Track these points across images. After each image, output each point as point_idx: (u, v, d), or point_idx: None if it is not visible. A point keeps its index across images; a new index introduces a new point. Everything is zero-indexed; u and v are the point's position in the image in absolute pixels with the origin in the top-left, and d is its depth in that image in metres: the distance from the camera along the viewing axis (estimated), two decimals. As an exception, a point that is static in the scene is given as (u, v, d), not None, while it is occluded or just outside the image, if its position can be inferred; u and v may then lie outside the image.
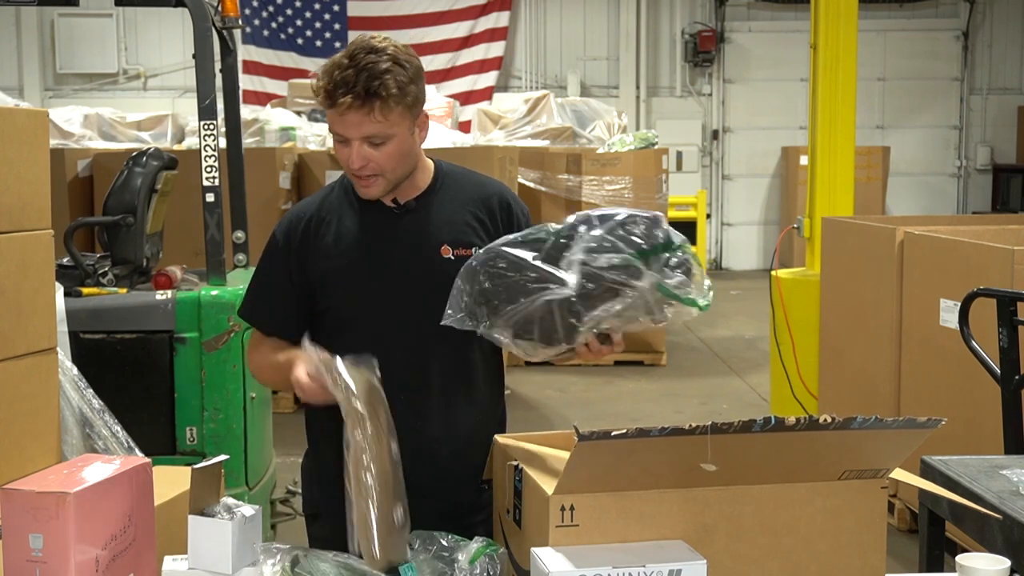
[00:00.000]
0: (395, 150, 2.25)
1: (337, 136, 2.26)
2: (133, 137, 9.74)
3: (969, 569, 1.93)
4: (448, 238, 2.34)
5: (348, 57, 2.20)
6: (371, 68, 2.18)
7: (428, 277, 2.31)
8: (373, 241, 2.34)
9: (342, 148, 2.27)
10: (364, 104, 2.18)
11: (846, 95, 6.58)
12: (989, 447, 3.94)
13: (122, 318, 4.03)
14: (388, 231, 2.35)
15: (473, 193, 2.42)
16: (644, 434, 1.71)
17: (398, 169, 2.29)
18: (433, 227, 2.35)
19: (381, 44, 2.22)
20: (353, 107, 2.18)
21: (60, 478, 1.92)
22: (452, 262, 2.28)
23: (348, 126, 2.22)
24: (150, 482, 2.08)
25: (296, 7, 14.94)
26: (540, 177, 8.71)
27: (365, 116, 2.20)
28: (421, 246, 2.33)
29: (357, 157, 2.24)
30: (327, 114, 2.26)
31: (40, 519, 1.85)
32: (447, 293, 2.20)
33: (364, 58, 2.19)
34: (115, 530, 1.96)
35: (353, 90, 2.17)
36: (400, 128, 2.24)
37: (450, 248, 2.33)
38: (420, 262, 2.32)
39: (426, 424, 2.35)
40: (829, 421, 1.73)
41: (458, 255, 2.31)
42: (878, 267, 5.20)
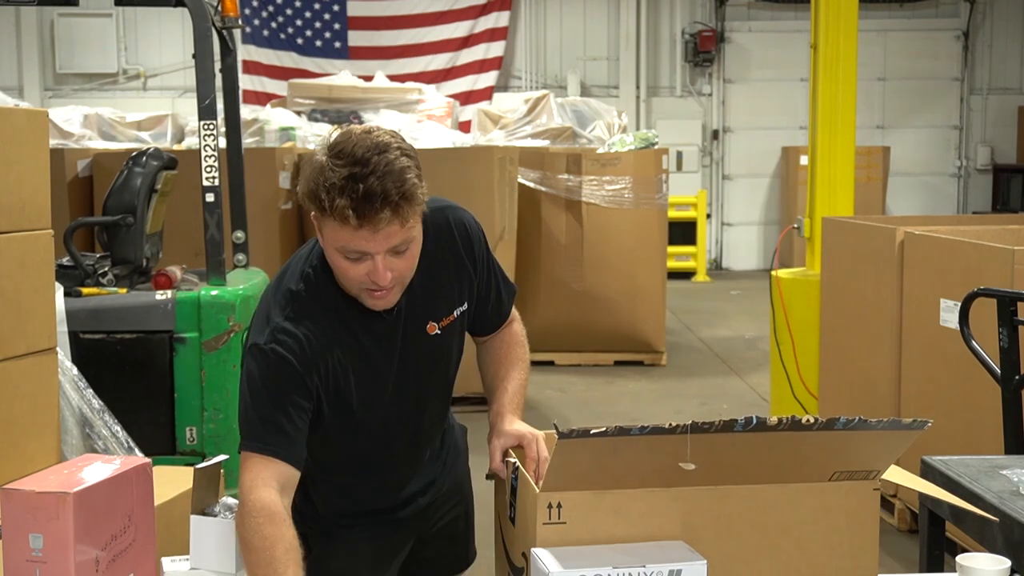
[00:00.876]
0: (415, 251, 2.06)
1: (353, 254, 1.99)
2: (133, 137, 9.74)
3: (969, 569, 1.93)
4: (432, 316, 2.25)
5: (359, 163, 1.93)
6: (391, 170, 1.93)
7: (421, 358, 2.27)
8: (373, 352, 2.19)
9: (354, 266, 2.01)
10: (398, 214, 1.94)
11: (846, 95, 6.58)
12: (989, 447, 3.94)
13: (122, 318, 4.03)
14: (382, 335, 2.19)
15: (438, 237, 2.23)
16: (624, 432, 1.72)
17: (413, 269, 2.10)
18: (418, 313, 2.22)
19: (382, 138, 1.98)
20: (388, 220, 1.93)
21: (60, 478, 1.92)
22: (440, 336, 2.28)
23: (378, 241, 1.96)
24: (150, 482, 2.08)
25: (296, 7, 14.93)
26: (540, 177, 8.71)
27: (400, 227, 1.96)
28: (412, 336, 2.23)
29: (385, 272, 2.00)
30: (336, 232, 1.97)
31: (40, 519, 1.85)
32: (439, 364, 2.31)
33: (379, 160, 1.93)
34: (115, 530, 1.96)
35: (386, 202, 1.92)
36: (418, 228, 2.04)
37: (435, 324, 2.26)
38: (414, 351, 2.25)
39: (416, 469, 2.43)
40: (811, 422, 1.73)
41: (444, 326, 2.27)
42: (878, 267, 5.20)
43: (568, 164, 8.69)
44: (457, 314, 2.29)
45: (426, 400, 2.34)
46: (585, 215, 8.64)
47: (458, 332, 2.34)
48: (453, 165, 7.12)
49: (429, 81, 13.00)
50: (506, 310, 2.45)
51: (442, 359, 2.32)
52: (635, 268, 8.74)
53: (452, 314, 2.27)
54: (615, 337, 8.84)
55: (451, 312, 2.27)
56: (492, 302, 2.40)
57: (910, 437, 1.82)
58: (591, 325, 8.73)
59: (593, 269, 8.70)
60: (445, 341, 2.29)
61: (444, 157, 7.25)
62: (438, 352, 2.29)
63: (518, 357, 2.45)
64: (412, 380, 2.27)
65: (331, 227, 1.98)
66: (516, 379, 2.41)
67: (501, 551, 2.15)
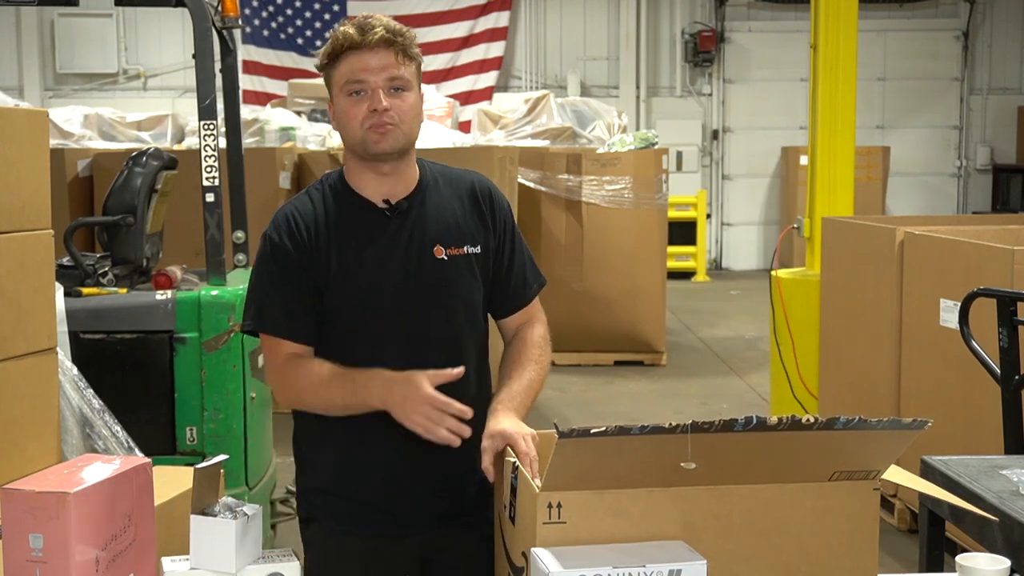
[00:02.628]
0: (413, 103, 2.28)
1: (355, 86, 2.25)
2: (133, 137, 9.74)
3: (969, 569, 1.93)
4: (441, 238, 2.33)
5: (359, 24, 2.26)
6: (388, 23, 2.26)
7: (422, 278, 2.31)
8: (368, 244, 2.30)
9: (357, 102, 2.25)
10: (392, 43, 2.23)
11: (846, 95, 6.58)
12: (989, 447, 3.94)
13: (122, 318, 4.03)
14: (382, 233, 2.31)
15: (458, 188, 2.41)
16: (624, 432, 1.72)
17: (411, 126, 2.30)
18: (426, 227, 2.33)
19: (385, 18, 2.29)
20: (383, 43, 2.22)
21: (60, 478, 1.92)
22: (445, 262, 2.32)
23: (371, 69, 2.23)
24: (150, 482, 2.08)
25: (296, 7, 14.94)
26: (540, 177, 8.71)
27: (392, 58, 2.24)
28: (415, 248, 2.31)
29: (383, 99, 2.23)
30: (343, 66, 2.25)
31: (40, 519, 1.85)
32: (442, 292, 2.30)
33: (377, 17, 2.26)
34: (115, 530, 1.96)
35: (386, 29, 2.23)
36: (415, 83, 2.28)
37: (443, 248, 2.33)
38: (414, 263, 2.31)
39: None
40: (811, 421, 1.73)
41: (451, 254, 2.33)
42: (878, 267, 5.20)
43: (568, 164, 8.69)
44: (467, 250, 2.34)
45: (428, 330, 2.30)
46: (585, 215, 8.64)
47: (469, 275, 2.34)
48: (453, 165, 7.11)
49: (429, 81, 13.01)
50: (530, 292, 2.48)
51: (449, 291, 2.32)
52: (635, 268, 8.74)
53: (462, 248, 2.33)
54: (615, 337, 8.84)
55: (461, 245, 2.33)
56: (515, 277, 2.44)
57: (910, 437, 1.82)
58: (591, 325, 8.73)
59: (593, 269, 8.70)
60: (453, 272, 2.32)
61: (444, 157, 7.20)
62: (444, 280, 2.31)
63: (532, 358, 2.42)
64: (413, 297, 2.29)
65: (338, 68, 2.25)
66: (525, 378, 2.37)
67: (501, 551, 2.15)
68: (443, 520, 2.38)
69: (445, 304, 2.33)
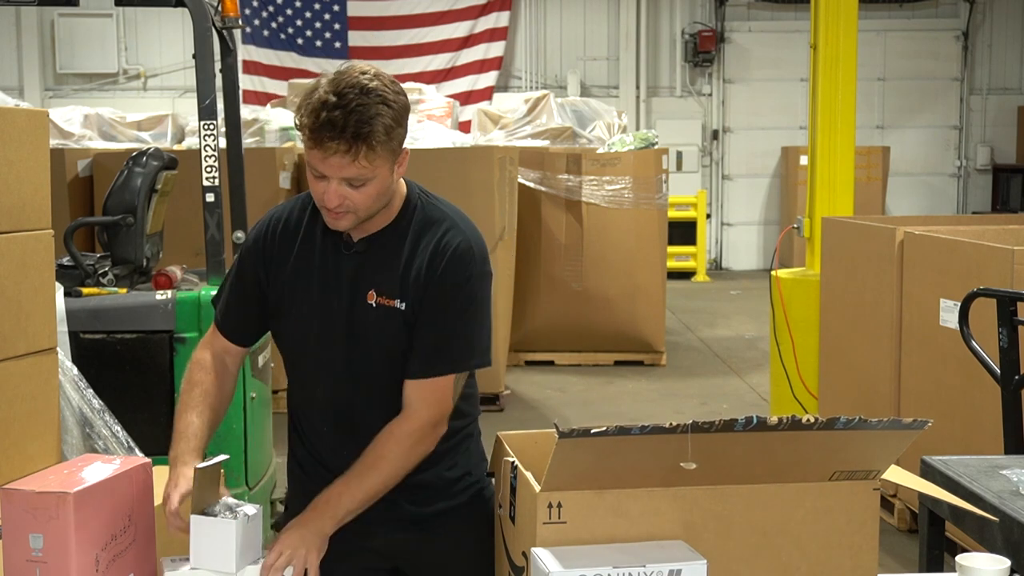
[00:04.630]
0: (373, 191, 2.19)
1: (315, 171, 2.18)
2: (133, 137, 9.74)
3: (969, 569, 1.93)
4: (377, 285, 2.28)
5: (336, 95, 2.10)
6: (361, 112, 2.09)
7: (349, 320, 2.29)
8: (319, 274, 2.32)
9: (317, 182, 2.19)
10: (351, 150, 2.11)
11: (846, 95, 6.58)
12: (989, 447, 3.94)
13: (122, 318, 4.03)
14: (333, 267, 2.31)
15: (429, 236, 2.30)
16: (625, 432, 1.72)
17: (372, 208, 2.23)
18: (369, 272, 2.29)
19: (372, 84, 2.12)
20: (339, 152, 2.10)
21: (60, 478, 1.92)
22: (373, 308, 2.28)
23: (330, 167, 2.14)
24: (150, 482, 2.08)
25: (296, 7, 14.93)
26: (540, 177, 8.71)
27: (350, 161, 2.12)
28: (353, 289, 2.29)
29: (334, 196, 2.17)
30: (307, 148, 2.16)
31: (40, 519, 1.85)
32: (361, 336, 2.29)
33: (355, 100, 2.09)
34: (115, 530, 1.96)
35: (342, 135, 2.09)
36: (382, 170, 2.17)
37: (375, 295, 2.28)
38: (346, 304, 2.29)
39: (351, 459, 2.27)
40: (812, 421, 1.73)
41: (379, 303, 2.27)
42: (878, 267, 5.20)
43: (568, 164, 8.69)
44: (397, 304, 2.26)
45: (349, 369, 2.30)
46: (585, 215, 8.64)
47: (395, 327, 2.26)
48: (453, 165, 7.11)
49: (429, 81, 13.00)
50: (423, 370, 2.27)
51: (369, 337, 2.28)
52: (635, 268, 8.74)
53: (393, 300, 2.27)
54: (615, 337, 8.84)
55: (392, 298, 2.28)
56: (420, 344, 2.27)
57: (910, 437, 1.82)
58: (591, 325, 8.73)
59: (593, 269, 8.70)
60: (378, 320, 2.27)
61: (444, 157, 7.24)
62: (370, 325, 2.28)
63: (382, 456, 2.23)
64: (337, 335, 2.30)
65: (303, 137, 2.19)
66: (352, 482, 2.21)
67: (501, 550, 2.15)
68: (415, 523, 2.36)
69: (364, 348, 2.30)
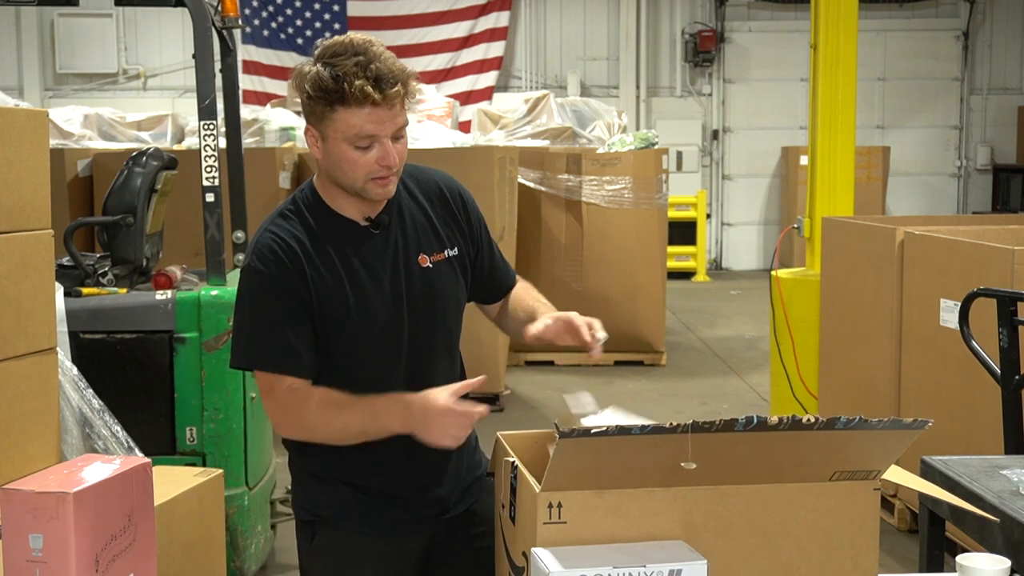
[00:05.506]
0: (406, 140, 2.24)
1: (363, 140, 2.14)
2: (133, 137, 9.74)
3: (969, 569, 1.93)
4: (423, 247, 2.33)
5: (358, 52, 2.12)
6: (388, 56, 2.14)
7: (411, 288, 2.30)
8: (355, 266, 2.27)
9: (364, 154, 2.16)
10: (407, 90, 2.15)
11: (846, 95, 6.58)
12: (989, 447, 3.94)
13: (122, 318, 4.03)
14: (368, 252, 2.28)
15: (427, 190, 2.39)
16: (625, 432, 1.72)
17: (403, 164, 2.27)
18: (408, 238, 2.32)
19: (364, 38, 2.17)
20: (399, 98, 2.13)
21: (60, 478, 1.92)
22: (431, 270, 2.33)
23: (386, 123, 2.14)
24: (150, 482, 2.08)
25: (296, 7, 14.94)
26: (540, 177, 8.71)
27: (402, 107, 2.16)
28: (402, 260, 2.30)
29: (393, 153, 2.17)
30: (351, 118, 2.12)
31: (40, 519, 1.85)
32: (430, 300, 2.32)
33: (372, 48, 2.13)
34: (115, 530, 1.96)
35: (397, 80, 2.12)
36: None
37: (427, 256, 2.33)
38: (405, 277, 2.30)
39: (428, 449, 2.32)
40: (812, 421, 1.73)
41: (435, 261, 2.33)
42: (878, 267, 5.20)
43: (568, 164, 8.69)
44: (448, 255, 2.35)
45: (427, 341, 2.32)
46: (585, 215, 8.64)
47: (452, 277, 2.36)
48: (453, 165, 7.09)
49: (429, 81, 13.00)
50: (511, 276, 2.54)
51: (438, 298, 2.33)
52: (635, 268, 8.74)
53: (443, 252, 2.34)
54: (615, 337, 8.74)
55: (442, 250, 2.34)
56: (498, 262, 2.49)
57: (910, 437, 1.82)
58: (591, 325, 8.72)
59: (593, 269, 8.70)
60: (438, 279, 2.33)
61: (444, 157, 7.25)
62: (432, 288, 2.32)
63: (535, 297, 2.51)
64: (408, 310, 2.29)
65: (344, 117, 2.12)
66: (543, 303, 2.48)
67: (502, 550, 2.15)
68: (443, 512, 2.41)
69: (438, 309, 2.34)
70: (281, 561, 4.75)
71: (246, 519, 4.19)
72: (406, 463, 2.34)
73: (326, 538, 2.39)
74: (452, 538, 2.42)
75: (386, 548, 2.38)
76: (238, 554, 4.16)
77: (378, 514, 2.36)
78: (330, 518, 2.39)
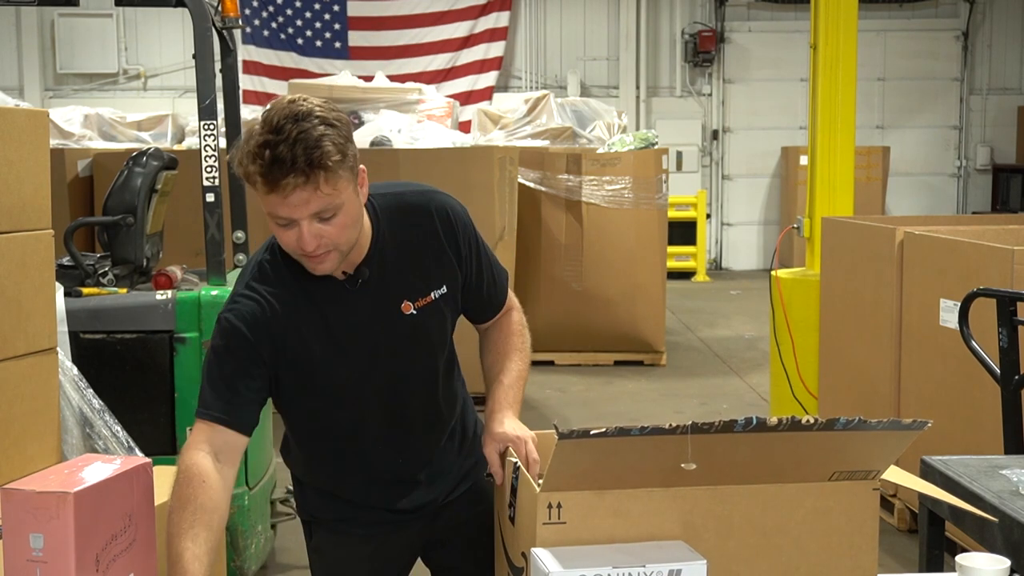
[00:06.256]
0: (345, 219, 2.06)
1: (279, 220, 2.03)
2: (133, 137, 9.74)
3: (969, 569, 1.93)
4: (407, 294, 2.25)
5: (273, 131, 1.96)
6: (305, 139, 1.95)
7: (397, 338, 2.26)
8: (336, 324, 2.20)
9: (285, 231, 2.04)
10: (309, 180, 1.96)
11: (846, 95, 6.58)
12: (989, 447, 3.94)
13: (122, 318, 4.03)
14: (347, 308, 2.21)
15: (414, 219, 2.26)
16: (624, 433, 1.72)
17: (351, 237, 2.10)
18: (389, 289, 2.23)
19: (303, 108, 2.00)
20: (298, 186, 1.96)
21: (60, 478, 1.92)
22: (415, 316, 2.26)
23: (294, 208, 1.99)
24: (150, 482, 2.08)
25: (296, 7, 14.93)
26: (540, 177, 8.71)
27: (312, 192, 1.98)
28: (384, 311, 2.24)
29: (310, 238, 2.02)
30: (263, 197, 2.01)
31: (40, 519, 1.85)
32: (417, 345, 2.28)
33: (293, 128, 1.96)
34: (115, 530, 1.96)
35: (294, 167, 1.94)
36: (347, 194, 2.04)
37: (411, 304, 2.25)
38: (386, 327, 2.24)
39: (407, 459, 2.38)
40: (811, 422, 1.73)
41: (419, 307, 2.26)
42: (878, 267, 5.20)
43: (568, 164, 8.69)
44: (435, 296, 2.27)
45: (405, 382, 2.30)
46: (585, 215, 8.64)
47: (439, 316, 2.30)
48: (453, 165, 7.11)
49: (429, 81, 13.00)
50: (501, 296, 2.44)
51: (421, 342, 2.29)
52: (635, 268, 8.74)
53: (429, 295, 2.26)
54: (615, 337, 8.84)
55: (428, 293, 2.26)
56: (486, 287, 2.39)
57: (910, 437, 1.82)
58: (591, 325, 8.73)
59: (593, 269, 8.70)
60: (423, 323, 2.27)
61: (444, 157, 7.25)
62: (415, 333, 2.27)
63: (515, 347, 2.42)
64: (385, 358, 2.25)
65: (258, 194, 2.02)
66: (512, 370, 2.39)
67: (501, 551, 2.15)
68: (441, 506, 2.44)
69: (420, 351, 2.30)
70: (281, 561, 4.75)
71: (246, 519, 4.19)
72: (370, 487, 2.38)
73: (323, 537, 2.45)
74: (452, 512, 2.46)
75: (381, 545, 2.42)
76: (238, 554, 4.16)
77: (367, 518, 2.40)
78: (325, 520, 2.44)
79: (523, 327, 2.48)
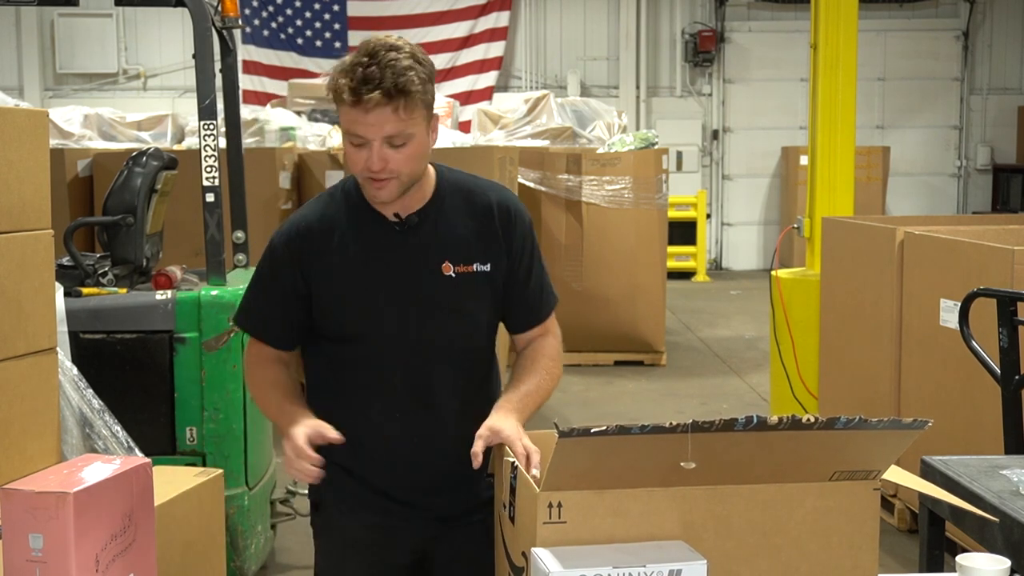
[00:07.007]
0: (413, 152, 2.21)
1: (355, 138, 2.20)
2: (133, 137, 9.74)
3: (969, 569, 1.93)
4: (450, 255, 2.31)
5: (368, 55, 2.15)
6: (394, 65, 2.14)
7: (429, 295, 2.30)
8: (374, 258, 2.30)
9: (357, 151, 2.20)
10: (391, 101, 2.14)
11: (846, 95, 6.58)
12: (989, 447, 3.94)
13: (122, 318, 4.03)
14: (389, 248, 2.31)
15: (474, 202, 2.37)
16: (625, 431, 1.72)
17: (414, 171, 2.25)
18: (435, 243, 2.31)
19: (399, 42, 2.19)
20: (380, 104, 2.13)
21: (60, 478, 1.92)
22: (453, 279, 2.30)
23: (370, 126, 2.16)
24: (150, 482, 2.08)
25: (296, 7, 14.94)
26: (540, 177, 8.71)
27: (391, 114, 2.15)
28: (422, 263, 2.30)
29: (378, 158, 2.18)
30: (344, 115, 2.19)
31: (40, 519, 1.85)
32: (448, 310, 2.30)
33: (386, 55, 2.15)
34: (115, 530, 1.96)
35: (381, 86, 2.12)
36: (419, 128, 2.20)
37: (451, 265, 2.31)
38: (421, 280, 2.30)
39: (428, 437, 2.35)
40: (812, 421, 1.73)
41: (459, 272, 2.31)
42: (878, 267, 5.20)
43: (568, 164, 8.69)
44: (477, 269, 2.32)
45: (430, 346, 2.31)
46: (585, 215, 8.64)
47: (477, 292, 2.33)
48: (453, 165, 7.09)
49: (429, 81, 12.98)
50: (545, 309, 2.49)
51: (454, 309, 2.31)
52: (635, 268, 8.74)
53: (471, 266, 2.32)
54: (615, 337, 8.84)
55: (471, 263, 2.32)
56: (531, 291, 2.43)
57: (910, 437, 1.82)
58: (591, 325, 8.73)
59: (593, 269, 8.70)
60: (460, 291, 2.31)
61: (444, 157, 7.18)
62: (450, 298, 2.30)
63: (543, 367, 2.43)
64: (415, 312, 2.29)
65: (341, 109, 2.19)
66: (532, 383, 2.38)
67: (501, 551, 2.15)
68: (443, 520, 2.40)
69: (449, 320, 2.32)
70: (281, 561, 4.75)
71: (246, 519, 4.19)
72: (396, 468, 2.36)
73: (326, 521, 2.45)
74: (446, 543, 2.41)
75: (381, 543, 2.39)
76: (238, 554, 4.16)
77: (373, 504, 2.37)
78: (329, 502, 2.42)
79: (558, 355, 2.49)
